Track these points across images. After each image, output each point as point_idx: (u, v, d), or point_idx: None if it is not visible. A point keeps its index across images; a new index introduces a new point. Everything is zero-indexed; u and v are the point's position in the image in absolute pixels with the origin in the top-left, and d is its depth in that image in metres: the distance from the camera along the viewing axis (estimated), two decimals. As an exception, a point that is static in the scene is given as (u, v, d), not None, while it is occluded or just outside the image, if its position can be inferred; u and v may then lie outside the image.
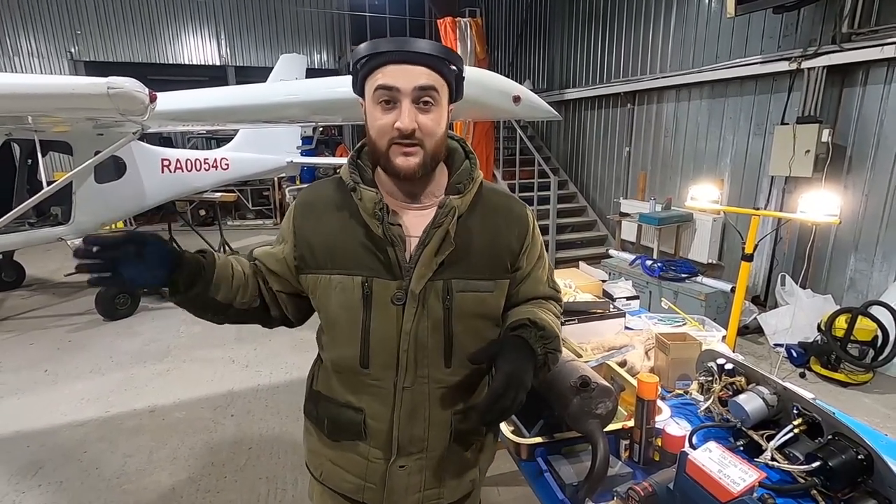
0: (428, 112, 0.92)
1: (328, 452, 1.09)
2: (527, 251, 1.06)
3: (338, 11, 11.28)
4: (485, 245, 1.01)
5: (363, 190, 0.97)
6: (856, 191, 4.16)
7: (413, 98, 0.90)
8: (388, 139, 0.92)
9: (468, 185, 1.01)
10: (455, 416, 1.05)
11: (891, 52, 3.66)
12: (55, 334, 4.49)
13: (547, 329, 1.01)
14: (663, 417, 1.32)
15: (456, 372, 1.02)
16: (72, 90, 3.10)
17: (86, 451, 2.81)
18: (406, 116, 0.90)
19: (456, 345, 1.00)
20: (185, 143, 10.53)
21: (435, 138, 0.94)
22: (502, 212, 1.05)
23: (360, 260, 0.97)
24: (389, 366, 0.98)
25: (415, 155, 0.92)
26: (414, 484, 1.05)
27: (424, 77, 0.91)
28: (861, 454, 1.05)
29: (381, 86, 0.90)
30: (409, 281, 0.95)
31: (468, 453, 1.10)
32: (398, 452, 1.02)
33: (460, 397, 1.05)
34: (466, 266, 0.99)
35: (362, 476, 1.05)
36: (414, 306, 0.95)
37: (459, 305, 0.98)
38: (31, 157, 4.98)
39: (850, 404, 3.25)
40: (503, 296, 1.05)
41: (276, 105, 3.68)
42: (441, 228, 0.95)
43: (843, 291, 4.32)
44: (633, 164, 6.55)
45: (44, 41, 9.51)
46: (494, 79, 3.30)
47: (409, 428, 1.01)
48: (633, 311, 2.20)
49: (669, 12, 5.74)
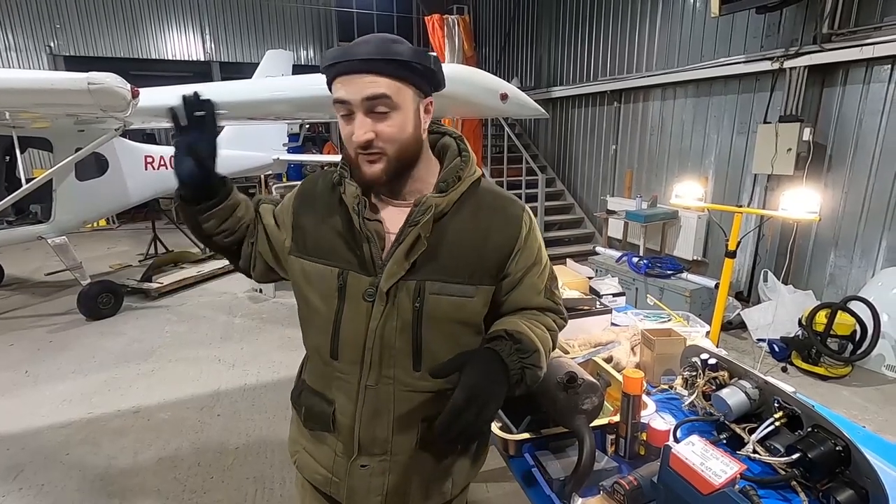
0: (384, 119, 0.89)
1: (304, 441, 1.11)
2: (517, 256, 0.99)
3: (325, 7, 11.18)
4: (469, 247, 0.96)
5: (347, 184, 0.97)
6: (835, 189, 4.24)
7: (364, 109, 0.88)
8: (353, 149, 0.92)
9: (453, 184, 0.96)
10: (422, 424, 1.01)
11: (869, 52, 3.74)
12: (36, 335, 4.40)
13: (524, 343, 0.93)
14: (648, 412, 1.33)
15: (426, 377, 0.96)
16: (51, 85, 3.03)
17: (68, 454, 2.76)
18: (359, 129, 0.88)
19: (426, 349, 0.96)
20: (169, 139, 10.36)
21: (398, 143, 0.91)
22: (495, 213, 0.99)
23: (339, 251, 0.98)
24: (355, 361, 0.98)
25: (378, 162, 0.91)
26: (376, 486, 1.02)
27: (372, 87, 0.86)
28: (839, 446, 1.07)
29: (336, 100, 0.90)
30: (380, 278, 0.94)
31: (441, 463, 1.05)
32: (359, 451, 1.01)
33: (432, 404, 0.99)
34: (444, 268, 0.95)
35: (329, 469, 1.06)
36: (382, 304, 0.94)
37: (432, 308, 0.94)
38: (9, 153, 4.86)
39: (829, 397, 3.32)
40: (486, 303, 0.99)
41: (262, 102, 3.64)
42: (417, 227, 0.92)
43: (824, 287, 4.41)
44: (619, 161, 6.60)
45: (22, 35, 9.27)
46: (482, 76, 3.30)
47: (371, 428, 0.99)
48: (620, 307, 2.22)
49: (655, 12, 5.80)
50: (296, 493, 1.21)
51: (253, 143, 7.10)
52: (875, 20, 3.84)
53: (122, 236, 8.75)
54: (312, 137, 11.87)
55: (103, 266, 6.54)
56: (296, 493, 1.21)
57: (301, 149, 8.56)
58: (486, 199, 1.00)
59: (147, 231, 7.32)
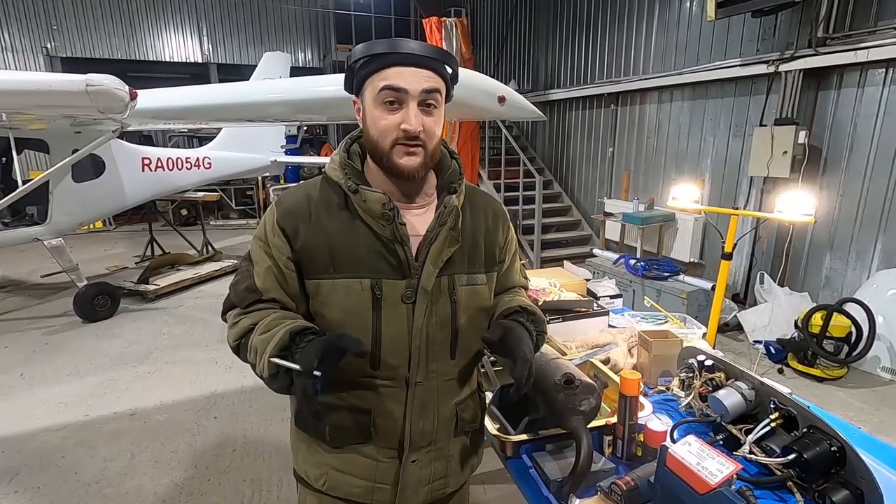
0: (431, 114, 0.95)
1: (331, 461, 1.07)
2: (507, 244, 1.15)
3: (322, 10, 11.20)
4: (478, 241, 1.07)
5: (366, 192, 0.96)
6: (831, 191, 4.27)
7: (419, 100, 0.93)
8: (392, 139, 0.94)
9: (460, 185, 1.05)
10: (458, 406, 1.10)
11: (864, 56, 3.77)
12: (31, 337, 4.38)
13: (536, 315, 1.11)
14: (645, 413, 1.34)
15: (459, 363, 1.07)
16: (49, 87, 3.03)
17: (64, 456, 2.75)
18: (413, 118, 0.92)
19: (461, 337, 1.05)
20: (167, 141, 10.34)
21: (435, 139, 0.97)
22: (488, 208, 1.12)
23: (366, 262, 0.97)
24: (401, 364, 1.01)
25: (417, 155, 0.95)
26: (425, 477, 1.09)
27: (430, 80, 0.94)
28: (835, 446, 1.08)
29: (389, 86, 0.92)
30: (417, 279, 0.98)
31: (468, 439, 1.16)
32: (410, 448, 1.04)
33: (461, 388, 1.11)
34: (466, 261, 1.05)
35: (371, 478, 1.06)
36: (424, 303, 0.99)
37: (464, 299, 1.04)
38: (5, 155, 4.85)
39: (825, 398, 3.34)
40: (493, 287, 1.13)
41: (260, 104, 3.65)
42: (446, 227, 1.00)
43: (819, 289, 4.43)
44: (616, 164, 6.62)
45: (18, 36, 9.25)
46: (480, 79, 3.32)
47: (420, 422, 1.04)
48: (617, 309, 2.23)
49: (651, 15, 5.82)
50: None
51: (250, 145, 7.11)
52: (870, 24, 3.87)
53: (118, 238, 8.72)
54: (310, 139, 11.86)
55: (100, 268, 6.52)
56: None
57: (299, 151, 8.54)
58: (477, 196, 1.13)
59: (144, 233, 7.30)
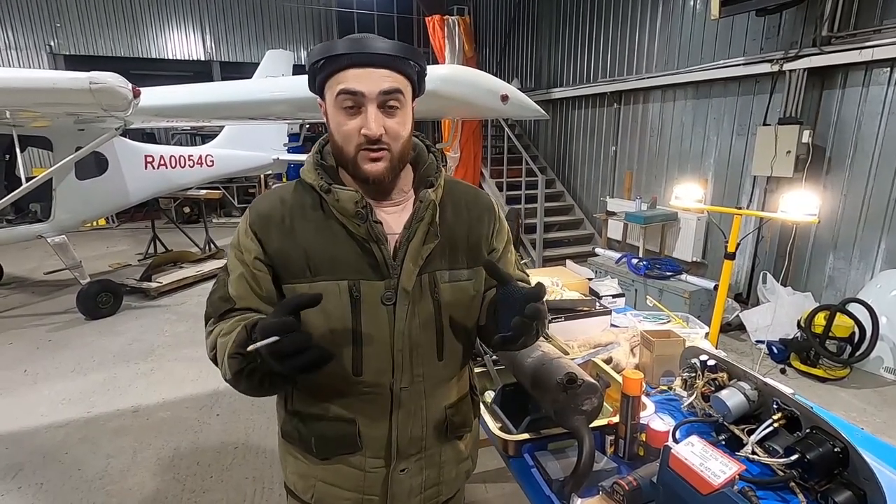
0: (393, 115, 0.89)
1: (318, 472, 1.04)
2: (496, 234, 1.08)
3: (325, 7, 11.19)
4: (460, 235, 1.01)
5: (339, 190, 0.92)
6: (834, 191, 4.25)
7: (378, 103, 0.87)
8: (356, 144, 0.89)
9: (437, 179, 0.99)
10: (449, 410, 1.05)
11: (869, 55, 3.75)
12: (35, 334, 4.40)
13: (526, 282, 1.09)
14: (648, 413, 1.34)
15: (447, 365, 1.02)
16: (53, 85, 3.04)
17: (67, 453, 2.76)
18: (373, 122, 0.86)
19: (447, 338, 1.00)
20: (170, 139, 10.36)
21: (401, 141, 0.91)
22: (471, 201, 1.06)
23: (342, 263, 0.93)
24: (385, 369, 0.96)
25: (383, 159, 0.90)
26: (416, 486, 1.04)
27: (389, 80, 0.87)
28: (837, 447, 1.07)
29: (345, 90, 0.86)
30: (396, 279, 0.93)
31: (461, 444, 1.11)
32: (398, 456, 1.00)
33: (451, 390, 1.06)
34: (446, 257, 0.99)
35: (360, 489, 1.02)
36: (405, 304, 0.94)
37: (447, 296, 0.98)
38: (9, 152, 4.86)
39: (828, 399, 3.33)
40: (481, 283, 1.05)
41: (263, 102, 3.65)
42: (423, 222, 0.94)
43: (822, 289, 4.41)
44: (619, 163, 6.61)
45: (22, 34, 9.27)
46: (482, 77, 3.31)
47: (407, 429, 1.00)
48: (619, 308, 2.23)
49: (655, 13, 5.80)
50: None
51: (253, 143, 7.11)
52: (874, 23, 3.84)
53: (121, 235, 8.75)
54: (313, 137, 11.86)
55: (103, 265, 6.54)
56: None
57: (301, 149, 8.53)
58: (458, 189, 1.07)
59: (146, 230, 7.32)
